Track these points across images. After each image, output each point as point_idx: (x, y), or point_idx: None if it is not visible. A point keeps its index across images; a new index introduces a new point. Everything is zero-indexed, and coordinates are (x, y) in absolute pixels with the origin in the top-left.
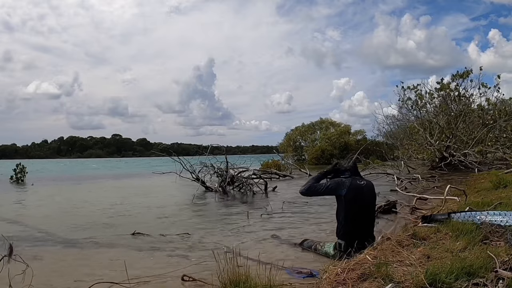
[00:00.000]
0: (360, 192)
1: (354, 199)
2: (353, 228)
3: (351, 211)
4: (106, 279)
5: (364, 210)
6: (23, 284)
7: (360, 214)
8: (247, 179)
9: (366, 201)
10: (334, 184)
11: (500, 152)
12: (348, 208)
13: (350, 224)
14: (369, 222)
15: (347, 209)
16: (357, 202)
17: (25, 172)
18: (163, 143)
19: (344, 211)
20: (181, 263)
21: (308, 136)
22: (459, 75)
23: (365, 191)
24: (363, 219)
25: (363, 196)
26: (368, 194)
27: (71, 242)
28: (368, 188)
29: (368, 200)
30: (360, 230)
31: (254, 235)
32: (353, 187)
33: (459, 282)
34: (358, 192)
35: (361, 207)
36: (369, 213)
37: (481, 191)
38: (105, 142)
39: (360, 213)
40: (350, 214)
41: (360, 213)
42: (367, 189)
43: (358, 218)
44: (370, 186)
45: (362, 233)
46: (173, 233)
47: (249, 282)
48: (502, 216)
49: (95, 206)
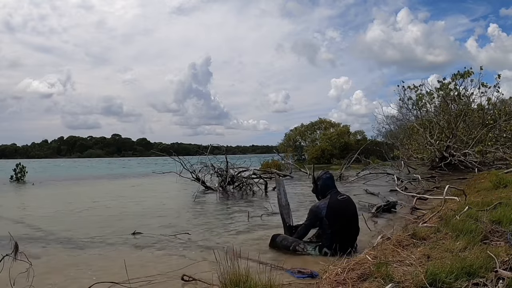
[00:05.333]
0: (341, 206)
1: (336, 215)
2: (338, 241)
3: (335, 227)
4: (106, 279)
5: (348, 223)
6: (26, 283)
7: (345, 227)
8: (247, 179)
9: (348, 214)
10: (312, 217)
11: (500, 152)
12: (332, 224)
13: (336, 236)
14: (353, 233)
15: (331, 224)
16: (339, 216)
17: (25, 172)
18: (163, 143)
19: (329, 228)
20: (181, 263)
21: (308, 136)
22: (460, 75)
23: (346, 205)
24: (348, 231)
25: (345, 210)
26: (350, 208)
27: (71, 241)
28: (349, 202)
29: (350, 213)
30: (345, 242)
31: (254, 235)
32: (332, 204)
33: (459, 282)
34: (339, 207)
35: (345, 220)
36: (353, 225)
37: (481, 191)
38: (105, 142)
39: (345, 226)
40: (335, 229)
41: (345, 226)
42: (348, 203)
43: (343, 230)
44: (349, 200)
45: (346, 243)
46: (173, 233)
47: (249, 282)
48: None
49: (96, 205)
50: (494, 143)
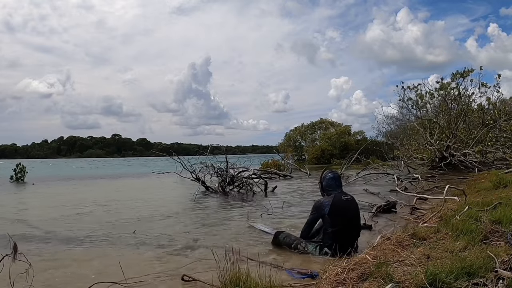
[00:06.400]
0: (344, 206)
1: (338, 213)
2: (339, 241)
3: (337, 225)
4: (106, 279)
5: (350, 223)
6: (26, 283)
7: (346, 227)
8: (247, 179)
9: (350, 214)
10: (314, 212)
11: (500, 152)
12: (334, 222)
13: (337, 236)
14: (355, 235)
15: (333, 223)
16: (341, 216)
17: (25, 172)
18: (163, 143)
19: (331, 226)
20: (181, 262)
21: (308, 136)
22: (460, 74)
23: (349, 206)
24: (349, 232)
25: (348, 210)
26: (352, 208)
27: (71, 241)
28: (352, 203)
29: (352, 214)
30: (345, 242)
31: (254, 235)
32: (336, 203)
33: (459, 282)
34: (342, 206)
35: (347, 221)
36: (355, 226)
37: (481, 191)
38: (105, 142)
39: (347, 226)
40: (337, 227)
41: (347, 226)
42: (351, 203)
43: (344, 230)
44: (353, 201)
45: (346, 244)
46: (173, 233)
47: (249, 282)
48: None
49: (96, 205)
50: (494, 143)
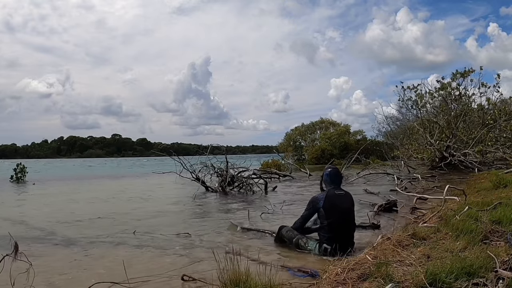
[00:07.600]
0: (338, 200)
1: (332, 207)
2: (335, 234)
3: (331, 218)
4: (107, 279)
5: (344, 216)
6: (27, 283)
7: (341, 221)
8: (247, 179)
9: (344, 208)
10: (310, 206)
11: (500, 152)
12: (328, 215)
13: (333, 230)
14: (350, 228)
15: (328, 216)
16: (335, 209)
17: (25, 172)
18: (163, 143)
19: (326, 219)
20: (181, 262)
21: (308, 136)
22: (460, 74)
23: (343, 199)
24: (344, 225)
25: (341, 204)
26: (347, 202)
27: (71, 241)
28: (347, 197)
29: (346, 207)
30: (342, 236)
31: (254, 235)
32: (330, 197)
33: (459, 282)
34: (336, 200)
35: (341, 213)
36: (349, 219)
37: (481, 191)
38: (105, 142)
39: (341, 219)
40: (331, 220)
41: (341, 219)
42: (345, 197)
43: (339, 224)
44: (348, 195)
45: (343, 238)
46: (173, 233)
47: (249, 282)
48: None
49: (96, 205)
50: (494, 143)
